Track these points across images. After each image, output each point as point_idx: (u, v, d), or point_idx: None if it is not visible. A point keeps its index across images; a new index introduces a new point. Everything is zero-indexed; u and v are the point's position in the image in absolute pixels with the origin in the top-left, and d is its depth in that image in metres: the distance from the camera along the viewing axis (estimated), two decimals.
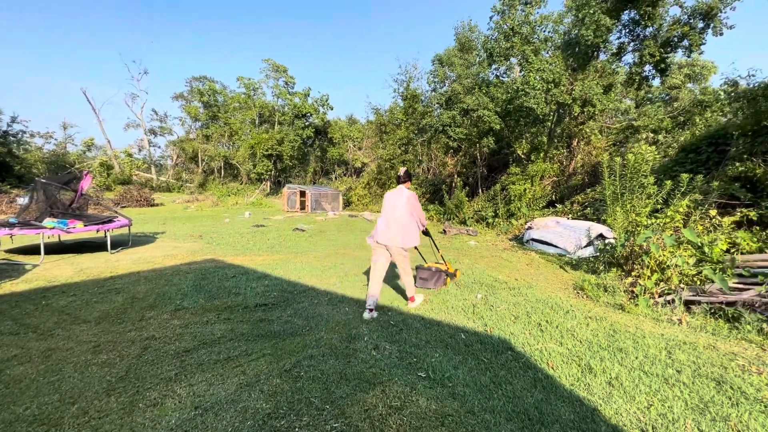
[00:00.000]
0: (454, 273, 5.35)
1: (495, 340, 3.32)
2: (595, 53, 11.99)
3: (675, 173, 7.59)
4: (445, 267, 5.18)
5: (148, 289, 4.75)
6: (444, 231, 11.07)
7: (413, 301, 4.23)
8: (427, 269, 5.03)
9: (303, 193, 19.37)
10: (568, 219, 8.97)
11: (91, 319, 3.75)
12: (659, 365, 2.86)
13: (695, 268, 4.41)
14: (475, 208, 13.60)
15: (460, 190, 13.67)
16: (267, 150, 31.27)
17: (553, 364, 2.90)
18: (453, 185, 16.47)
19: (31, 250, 6.98)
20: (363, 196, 20.66)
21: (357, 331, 3.49)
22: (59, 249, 7.30)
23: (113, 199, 19.22)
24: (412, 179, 4.18)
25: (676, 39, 11.09)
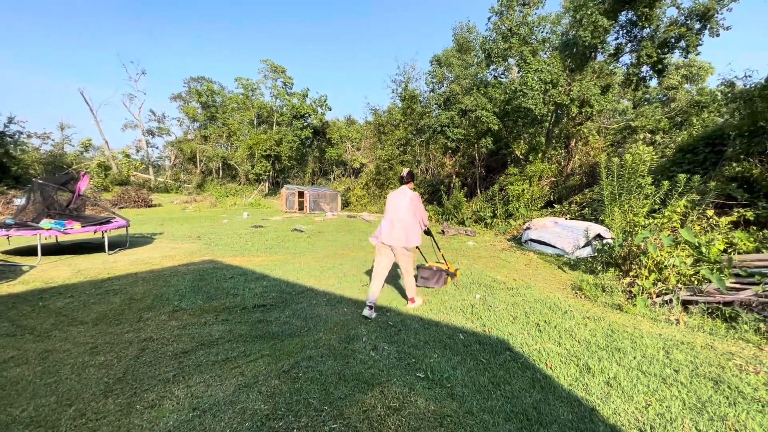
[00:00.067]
0: (455, 273, 5.42)
1: (493, 341, 3.32)
2: (593, 54, 12.03)
3: (672, 173, 7.61)
4: (445, 266, 5.25)
5: (145, 290, 4.74)
6: (442, 231, 11.08)
7: (413, 302, 4.23)
8: (428, 268, 5.10)
9: (301, 194, 19.36)
10: (566, 219, 8.99)
11: (89, 320, 3.74)
12: (657, 365, 2.86)
13: (693, 268, 4.43)
14: (473, 209, 13.62)
15: (458, 191, 13.68)
16: (265, 151, 31.21)
17: (552, 364, 2.90)
18: (451, 186, 16.49)
19: (28, 252, 6.95)
20: (361, 197, 20.67)
21: (355, 331, 3.48)
22: (56, 250, 7.27)
23: (111, 200, 19.14)
24: (414, 180, 4.24)
25: (673, 40, 11.14)
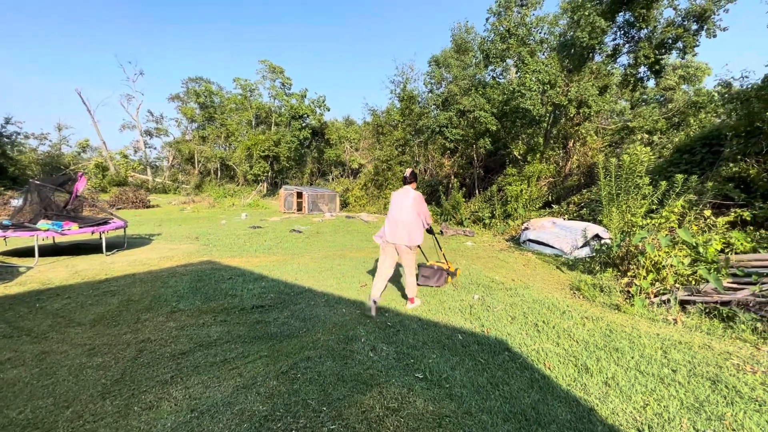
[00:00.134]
0: (455, 272, 5.49)
1: (492, 341, 3.33)
2: (591, 55, 12.07)
3: (670, 174, 7.64)
4: (446, 266, 5.32)
5: (143, 291, 4.72)
6: (441, 232, 11.08)
7: (412, 303, 4.24)
8: (429, 267, 5.18)
9: (300, 195, 19.35)
10: (565, 219, 9.02)
11: (86, 321, 3.72)
12: (655, 365, 2.87)
13: (690, 268, 4.44)
14: (471, 209, 13.64)
15: (456, 191, 13.70)
16: (264, 151, 31.18)
17: (550, 364, 2.90)
18: (450, 186, 16.51)
19: (25, 253, 6.92)
20: (360, 197, 20.67)
21: (354, 332, 3.48)
22: (54, 251, 7.24)
23: (108, 201, 19.08)
24: (417, 180, 4.32)
25: (670, 41, 11.18)
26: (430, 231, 4.53)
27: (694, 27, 10.79)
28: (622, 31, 12.03)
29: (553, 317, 3.91)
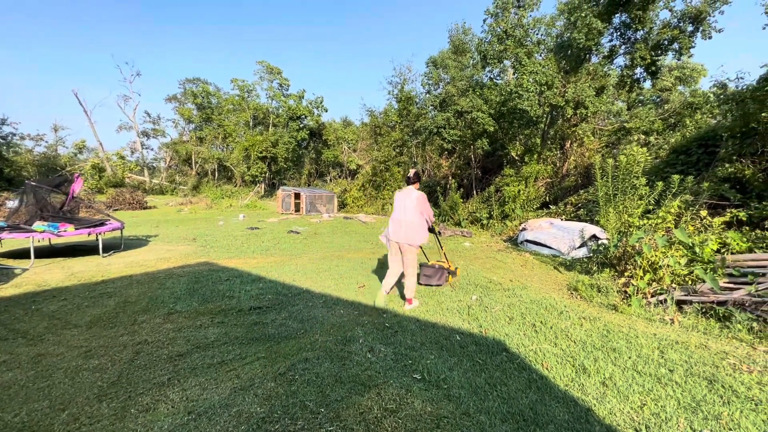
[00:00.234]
0: (455, 271, 5.56)
1: (490, 342, 3.33)
2: (587, 56, 12.13)
3: (666, 174, 7.69)
4: (447, 265, 5.38)
5: (140, 292, 4.70)
6: (439, 232, 11.08)
7: (410, 303, 4.24)
8: (430, 267, 5.24)
9: (297, 196, 19.33)
10: (562, 220, 9.04)
11: (82, 323, 3.70)
12: (652, 365, 2.88)
13: (687, 268, 4.46)
14: (469, 210, 13.67)
15: (454, 192, 13.72)
16: (261, 152, 31.16)
17: (548, 364, 2.91)
18: (447, 187, 16.55)
19: (21, 254, 6.88)
20: (358, 198, 20.66)
21: (352, 333, 3.48)
22: (50, 253, 7.19)
23: (105, 202, 19.00)
24: (420, 180, 4.40)
25: (666, 42, 11.27)
26: (431, 230, 4.58)
27: (690, 28, 10.88)
28: (619, 33, 12.12)
29: (551, 318, 3.92)
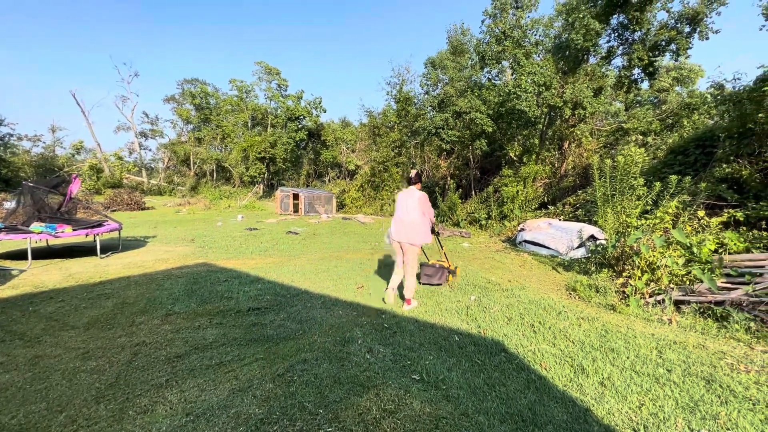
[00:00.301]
0: (455, 270, 5.62)
1: (488, 342, 3.33)
2: (585, 57, 12.18)
3: (664, 175, 7.71)
4: (447, 264, 5.45)
5: (138, 293, 4.69)
6: (437, 233, 11.10)
7: (409, 304, 4.24)
8: (431, 266, 5.32)
9: (296, 196, 19.31)
10: (560, 220, 9.06)
11: (80, 325, 3.69)
12: (650, 365, 2.89)
13: (684, 268, 4.48)
14: (468, 210, 13.68)
15: (453, 192, 13.74)
16: (260, 153, 31.12)
17: (546, 365, 2.91)
18: (446, 187, 16.57)
19: (18, 255, 6.85)
20: (356, 199, 20.65)
21: (351, 334, 3.47)
22: (47, 254, 7.16)
23: (103, 203, 18.94)
24: (422, 181, 4.46)
25: (663, 43, 11.32)
26: (432, 231, 4.60)
27: (687, 29, 10.93)
28: (616, 34, 12.17)
29: (550, 318, 3.92)
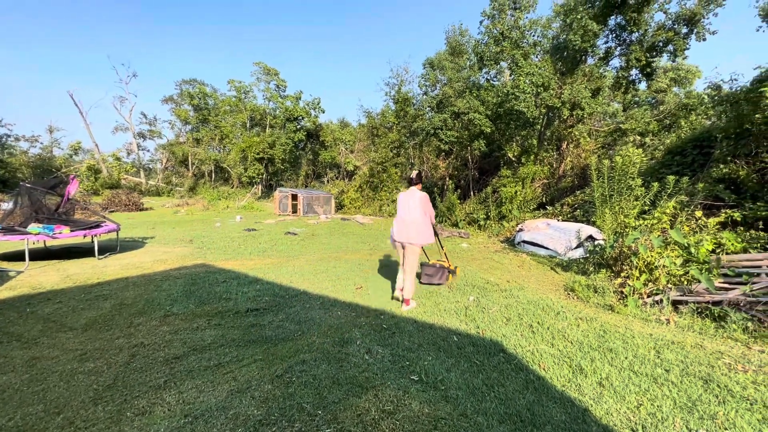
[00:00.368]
0: (455, 270, 5.67)
1: (487, 342, 3.34)
2: (583, 57, 12.21)
3: (661, 175, 7.74)
4: (447, 264, 5.49)
5: (136, 295, 4.67)
6: (437, 233, 11.11)
7: (407, 304, 4.25)
8: (431, 266, 5.35)
9: (295, 197, 19.29)
10: (559, 221, 9.08)
11: (78, 326, 3.67)
12: (648, 365, 2.90)
13: (682, 268, 4.49)
14: (466, 211, 13.69)
15: (451, 193, 13.76)
16: (258, 153, 31.07)
17: (545, 365, 2.92)
18: (445, 188, 16.58)
19: (16, 257, 6.82)
20: (355, 199, 20.64)
21: (349, 335, 3.47)
22: (45, 255, 7.14)
23: (101, 204, 18.88)
24: (423, 181, 4.50)
25: (661, 44, 11.35)
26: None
27: (684, 30, 10.97)
28: (614, 35, 12.21)
29: (548, 318, 3.93)
